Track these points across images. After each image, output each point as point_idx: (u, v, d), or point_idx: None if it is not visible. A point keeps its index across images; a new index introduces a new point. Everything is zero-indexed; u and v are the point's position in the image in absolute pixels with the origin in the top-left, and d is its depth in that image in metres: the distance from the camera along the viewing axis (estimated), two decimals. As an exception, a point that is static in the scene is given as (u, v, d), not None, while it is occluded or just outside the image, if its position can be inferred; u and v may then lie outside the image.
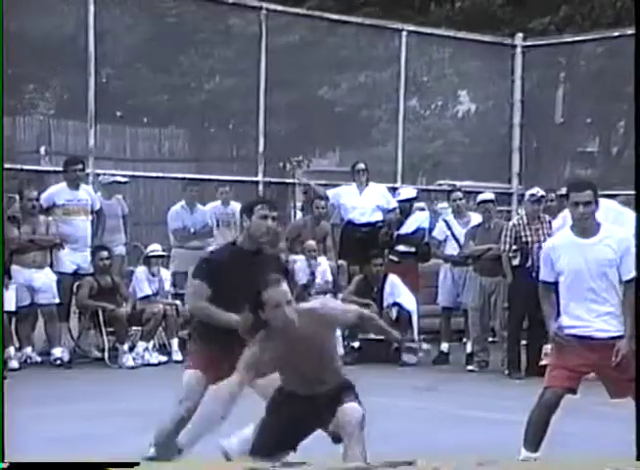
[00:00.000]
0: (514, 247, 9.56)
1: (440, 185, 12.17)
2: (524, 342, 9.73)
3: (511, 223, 9.90)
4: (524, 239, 9.59)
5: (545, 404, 5.49)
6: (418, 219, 10.92)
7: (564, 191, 11.39)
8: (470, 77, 12.87)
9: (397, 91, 12.13)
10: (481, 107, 13.03)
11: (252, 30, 11.23)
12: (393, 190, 11.47)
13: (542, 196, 10.15)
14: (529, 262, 9.42)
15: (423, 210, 11.27)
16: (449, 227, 10.51)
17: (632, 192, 12.38)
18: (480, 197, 10.43)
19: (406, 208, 10.98)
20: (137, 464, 4.12)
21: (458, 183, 11.56)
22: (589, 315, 5.45)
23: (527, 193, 10.47)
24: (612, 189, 10.93)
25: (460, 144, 12.81)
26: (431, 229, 10.70)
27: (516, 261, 9.56)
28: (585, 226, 5.56)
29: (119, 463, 4.00)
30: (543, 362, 9.63)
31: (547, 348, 7.60)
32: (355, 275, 10.48)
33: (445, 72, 12.78)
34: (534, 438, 5.45)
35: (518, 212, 11.46)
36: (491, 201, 10.24)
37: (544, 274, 5.69)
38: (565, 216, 9.74)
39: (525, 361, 9.60)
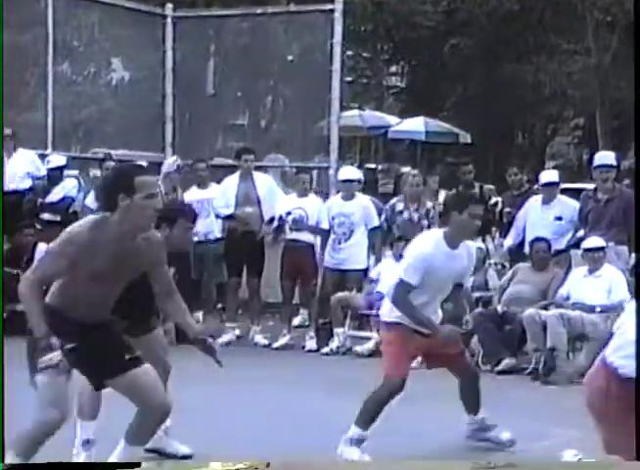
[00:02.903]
0: None
1: (95, 153, 11.95)
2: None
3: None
4: None
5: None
6: (65, 187, 10.78)
7: (216, 161, 11.78)
8: (122, 45, 12.70)
9: (45, 55, 11.73)
10: (135, 75, 12.90)
11: None
12: (43, 157, 11.15)
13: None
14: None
15: (76, 178, 11.08)
16: (102, 196, 10.44)
17: (280, 164, 12.83)
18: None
19: (56, 175, 10.77)
20: (138, 465, 3.87)
21: (113, 152, 11.45)
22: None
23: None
24: (260, 160, 11.33)
25: (114, 112, 12.63)
26: (85, 197, 10.58)
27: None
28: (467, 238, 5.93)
29: (120, 464, 3.76)
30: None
31: None
32: (4, 244, 10.10)
33: (96, 38, 12.52)
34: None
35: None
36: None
37: (412, 278, 5.79)
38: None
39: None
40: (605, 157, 9.94)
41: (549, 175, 10.29)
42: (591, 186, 9.86)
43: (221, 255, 10.54)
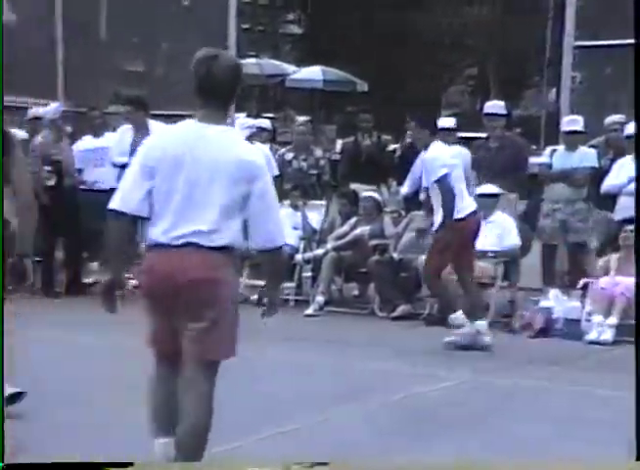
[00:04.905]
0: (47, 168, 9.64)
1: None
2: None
3: (37, 141, 9.87)
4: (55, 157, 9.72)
5: None
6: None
7: (110, 109, 11.59)
8: (10, -14, 12.35)
9: None
10: (23, 19, 12.56)
11: None
12: None
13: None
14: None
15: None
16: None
17: (178, 112, 12.68)
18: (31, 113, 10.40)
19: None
20: (131, 464, 3.76)
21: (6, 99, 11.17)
22: None
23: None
24: (159, 109, 11.17)
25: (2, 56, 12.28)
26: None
27: (52, 182, 9.67)
28: None
29: (120, 463, 3.65)
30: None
31: None
32: None
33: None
34: None
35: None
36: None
37: None
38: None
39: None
40: (494, 106, 10.10)
41: (446, 122, 10.38)
42: (484, 135, 10.03)
43: (117, 204, 10.41)
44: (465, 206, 7.74)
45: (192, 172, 3.95)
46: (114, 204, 4.06)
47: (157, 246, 4.01)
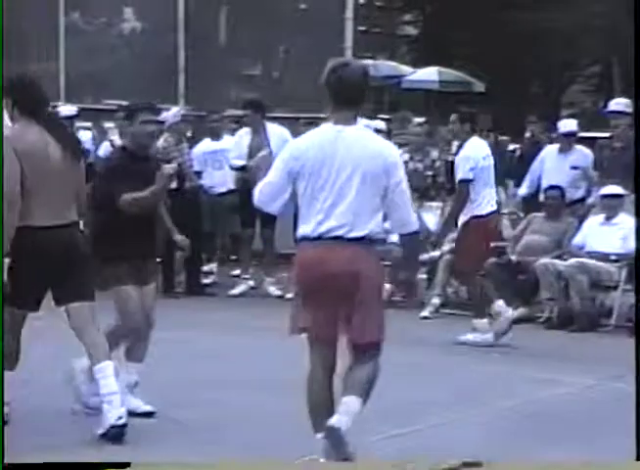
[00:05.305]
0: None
1: (109, 104, 11.92)
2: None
3: (159, 145, 10.01)
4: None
5: None
6: (80, 140, 10.76)
7: (229, 112, 11.74)
8: (134, -6, 12.67)
9: (56, 4, 11.67)
10: (147, 25, 12.84)
11: None
12: (53, 108, 11.12)
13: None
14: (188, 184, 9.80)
15: (88, 129, 11.05)
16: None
17: (293, 115, 12.86)
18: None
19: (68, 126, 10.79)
20: (127, 464, 3.95)
21: (125, 103, 11.41)
22: None
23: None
24: (273, 112, 11.26)
25: (126, 63, 12.59)
26: (97, 149, 10.58)
27: (174, 184, 9.81)
28: None
29: (119, 463, 3.86)
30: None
31: None
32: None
33: (108, -13, 12.50)
34: None
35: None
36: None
37: None
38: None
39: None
40: (618, 104, 9.82)
41: (568, 124, 10.17)
42: (606, 135, 9.78)
43: (235, 206, 10.54)
44: (489, 205, 7.90)
45: (335, 172, 4.30)
46: (261, 202, 4.46)
47: (307, 241, 4.38)
